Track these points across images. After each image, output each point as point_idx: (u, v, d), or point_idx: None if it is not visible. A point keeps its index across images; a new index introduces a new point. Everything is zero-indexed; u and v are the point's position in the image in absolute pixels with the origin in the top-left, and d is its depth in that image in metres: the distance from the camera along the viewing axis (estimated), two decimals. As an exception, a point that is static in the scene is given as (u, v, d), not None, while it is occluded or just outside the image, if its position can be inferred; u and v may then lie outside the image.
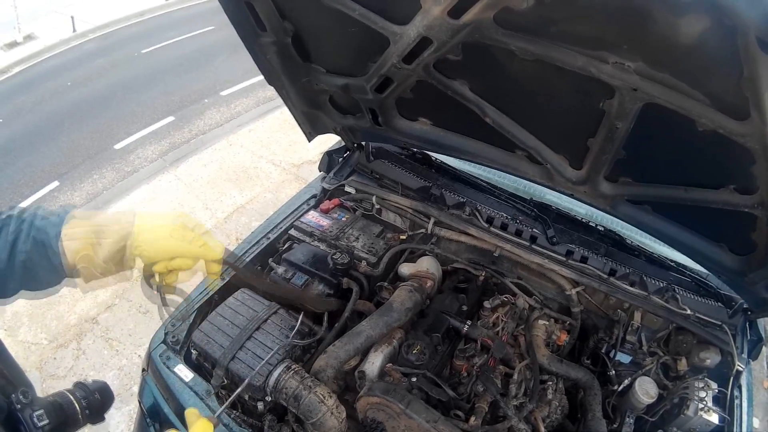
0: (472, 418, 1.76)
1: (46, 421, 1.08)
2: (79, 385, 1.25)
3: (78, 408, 1.20)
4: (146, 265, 1.14)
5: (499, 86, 1.77)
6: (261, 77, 2.09)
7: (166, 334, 1.98)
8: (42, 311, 4.29)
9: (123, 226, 1.09)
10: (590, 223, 2.41)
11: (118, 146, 6.73)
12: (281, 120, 6.87)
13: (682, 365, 2.06)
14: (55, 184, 6.06)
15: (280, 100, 2.23)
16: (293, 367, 1.74)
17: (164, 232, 1.11)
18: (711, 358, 2.03)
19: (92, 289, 1.13)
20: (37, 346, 4.02)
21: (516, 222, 2.32)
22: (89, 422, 1.24)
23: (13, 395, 1.08)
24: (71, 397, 1.21)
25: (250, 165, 6.18)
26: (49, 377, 3.79)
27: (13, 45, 9.44)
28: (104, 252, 1.07)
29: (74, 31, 10.06)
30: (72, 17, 10.08)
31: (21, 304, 4.34)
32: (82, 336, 4.09)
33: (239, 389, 1.66)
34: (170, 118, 7.29)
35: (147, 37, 10.03)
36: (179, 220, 1.15)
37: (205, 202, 5.55)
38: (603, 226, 2.39)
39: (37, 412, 1.09)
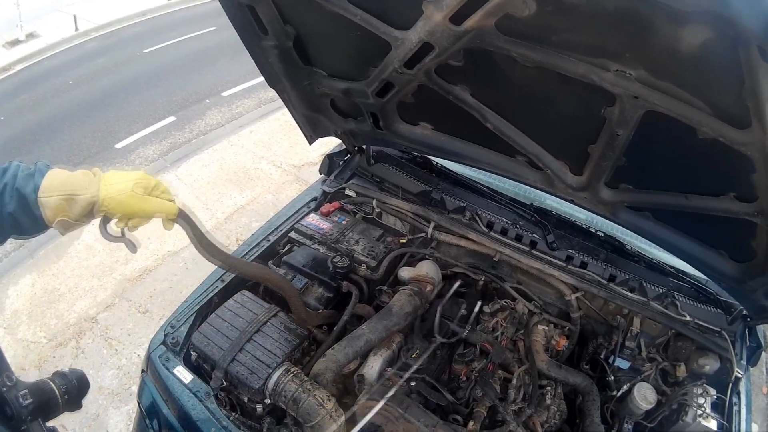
0: (471, 423, 1.77)
1: (30, 400, 1.20)
2: (58, 374, 1.36)
3: (58, 394, 1.31)
4: (105, 217, 1.31)
5: (500, 92, 1.77)
6: (263, 78, 2.10)
7: (165, 335, 1.97)
8: (41, 309, 4.29)
9: (91, 192, 1.25)
10: (590, 229, 2.41)
11: (119, 145, 6.73)
12: (282, 121, 6.86)
13: (681, 371, 2.06)
14: (56, 182, 6.06)
15: (281, 102, 2.23)
16: (292, 370, 1.75)
17: (125, 196, 1.27)
18: (710, 365, 2.03)
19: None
20: (36, 345, 4.02)
21: (516, 227, 2.32)
22: (67, 409, 1.34)
23: None
24: (52, 384, 1.31)
25: (251, 166, 6.18)
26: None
27: (15, 43, 9.46)
28: (76, 212, 1.25)
29: (76, 29, 10.07)
30: (74, 16, 10.10)
31: (20, 303, 4.35)
32: (82, 335, 4.09)
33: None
34: (171, 118, 7.29)
35: (149, 36, 10.03)
36: (140, 183, 1.30)
37: (206, 202, 5.54)
38: (603, 232, 2.39)
39: (21, 392, 1.20)
